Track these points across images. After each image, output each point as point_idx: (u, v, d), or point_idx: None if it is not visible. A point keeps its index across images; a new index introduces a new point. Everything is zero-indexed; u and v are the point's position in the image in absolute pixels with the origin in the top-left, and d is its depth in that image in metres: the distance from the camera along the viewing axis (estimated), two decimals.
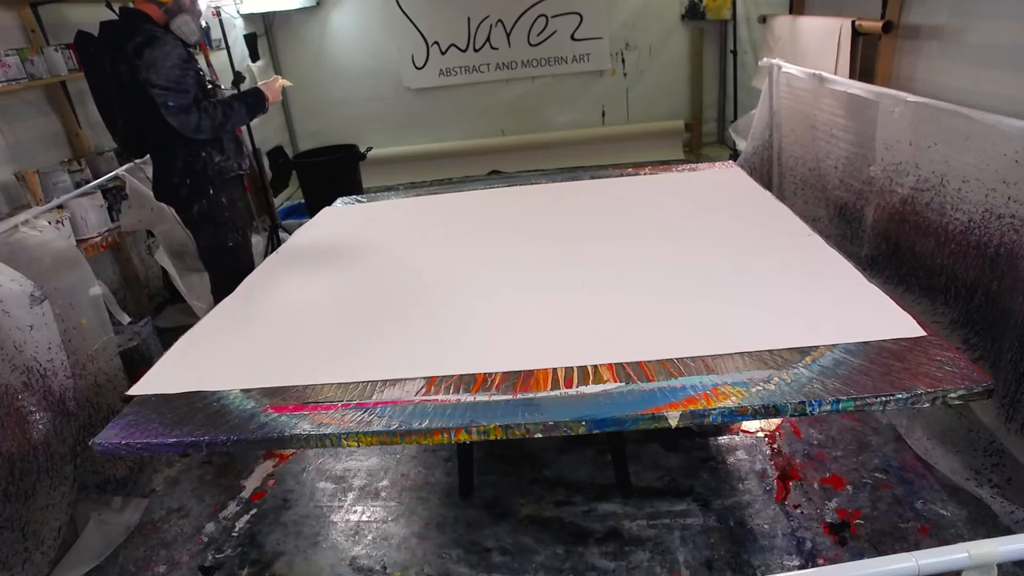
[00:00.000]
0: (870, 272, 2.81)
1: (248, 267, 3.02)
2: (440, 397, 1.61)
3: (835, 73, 3.36)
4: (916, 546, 2.04)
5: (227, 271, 2.99)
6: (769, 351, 1.64)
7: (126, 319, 3.41)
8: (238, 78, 3.94)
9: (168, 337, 2.84)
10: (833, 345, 1.63)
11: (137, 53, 2.57)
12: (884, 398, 1.43)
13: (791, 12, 4.37)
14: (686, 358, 1.65)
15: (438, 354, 1.82)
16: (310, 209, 5.46)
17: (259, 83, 3.01)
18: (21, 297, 2.18)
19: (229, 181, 2.98)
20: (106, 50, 2.70)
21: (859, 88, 3.00)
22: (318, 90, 6.60)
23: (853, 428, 2.59)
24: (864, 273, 2.04)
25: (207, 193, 2.90)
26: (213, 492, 2.66)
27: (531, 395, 1.58)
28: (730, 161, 3.78)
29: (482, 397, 1.59)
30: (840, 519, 2.18)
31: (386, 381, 1.70)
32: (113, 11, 2.80)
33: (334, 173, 5.69)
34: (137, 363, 3.09)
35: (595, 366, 1.65)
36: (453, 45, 6.42)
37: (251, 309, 2.30)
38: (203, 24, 2.94)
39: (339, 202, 3.57)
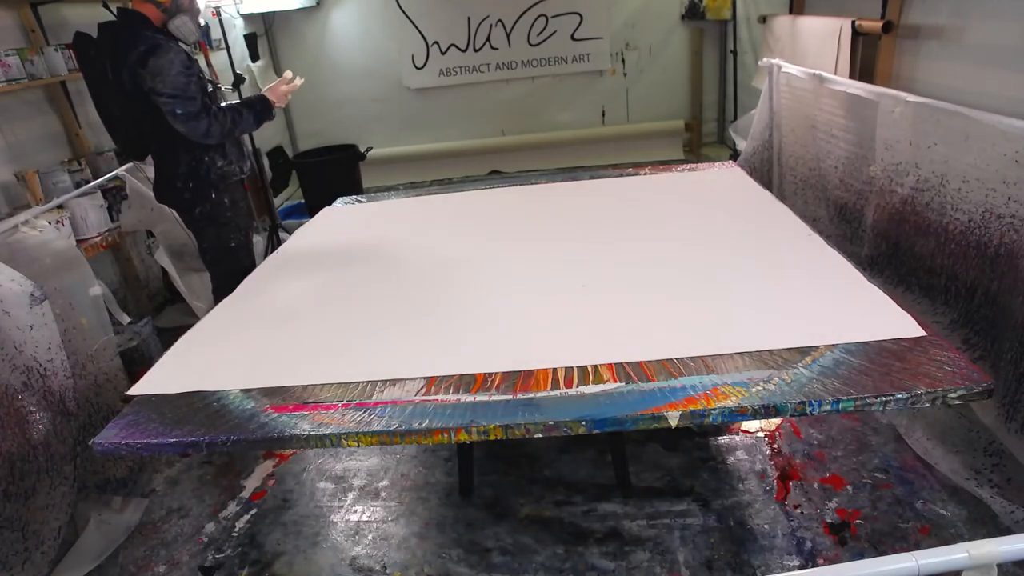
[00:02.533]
0: (870, 272, 2.81)
1: (250, 267, 3.01)
2: (440, 397, 1.61)
3: (835, 73, 3.36)
4: (916, 546, 2.04)
5: (229, 271, 2.99)
6: (769, 351, 1.64)
7: (126, 319, 3.41)
8: (238, 80, 3.92)
9: (168, 337, 2.84)
10: (833, 345, 1.63)
11: (141, 62, 2.58)
12: (884, 398, 1.43)
13: (791, 12, 4.37)
14: (686, 358, 1.65)
15: (438, 354, 1.82)
16: (310, 209, 5.46)
17: (264, 88, 3.00)
18: (21, 297, 2.18)
19: (231, 184, 2.99)
20: (106, 55, 2.70)
21: (859, 88, 3.00)
22: (318, 90, 6.58)
23: (853, 428, 2.59)
24: (864, 273, 2.04)
25: (209, 196, 2.92)
26: (213, 492, 2.66)
27: (531, 395, 1.58)
28: (730, 161, 3.78)
29: (482, 397, 1.59)
30: (840, 519, 2.18)
31: (386, 381, 1.71)
32: (111, 11, 2.79)
33: (334, 173, 5.69)
34: (137, 363, 3.10)
35: (595, 366, 1.65)
36: (453, 45, 6.41)
37: (251, 309, 2.30)
38: (202, 23, 2.93)
39: (339, 202, 3.57)
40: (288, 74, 3.03)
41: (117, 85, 2.70)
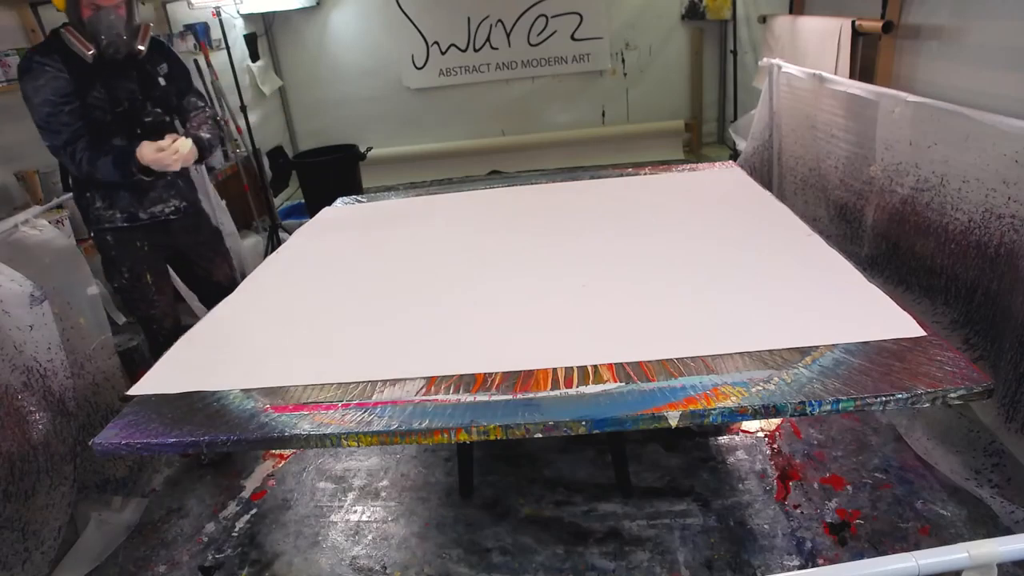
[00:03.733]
0: (870, 272, 2.81)
1: (149, 316, 2.75)
2: (440, 397, 1.61)
3: (835, 73, 3.37)
4: (916, 546, 2.04)
5: (130, 310, 2.80)
6: (769, 351, 1.64)
7: (122, 319, 3.41)
8: (153, 117, 2.58)
9: None
10: (833, 345, 1.63)
11: (20, 82, 2.40)
12: (884, 398, 1.43)
13: (791, 12, 4.37)
14: (686, 358, 1.64)
15: (438, 354, 1.82)
16: (310, 209, 5.46)
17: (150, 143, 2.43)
18: (21, 297, 2.18)
19: (110, 231, 2.61)
20: None
21: (859, 88, 3.00)
22: (318, 90, 6.60)
23: (853, 428, 2.59)
24: (864, 273, 2.03)
25: (88, 233, 2.73)
26: (213, 492, 2.66)
27: (531, 395, 1.57)
28: (730, 161, 3.78)
29: (482, 397, 1.59)
30: (840, 519, 2.18)
31: (386, 381, 1.70)
32: None
33: (334, 173, 5.69)
34: (136, 363, 3.09)
35: (595, 366, 1.65)
36: (453, 45, 6.41)
37: (251, 309, 2.30)
38: (124, 33, 2.41)
39: (339, 202, 3.57)
40: (164, 143, 2.43)
41: None
